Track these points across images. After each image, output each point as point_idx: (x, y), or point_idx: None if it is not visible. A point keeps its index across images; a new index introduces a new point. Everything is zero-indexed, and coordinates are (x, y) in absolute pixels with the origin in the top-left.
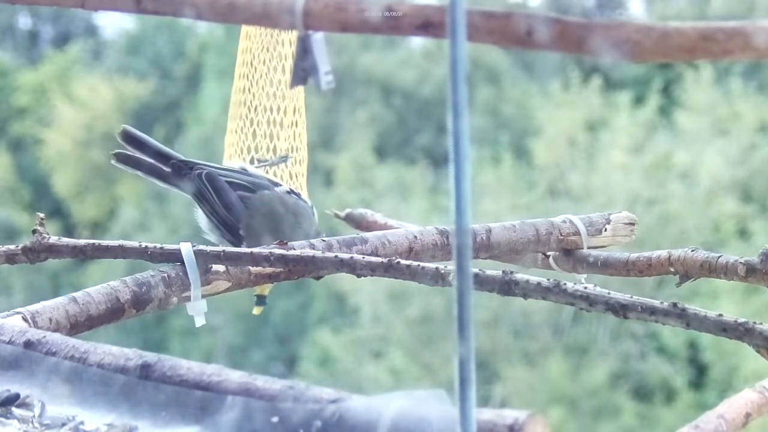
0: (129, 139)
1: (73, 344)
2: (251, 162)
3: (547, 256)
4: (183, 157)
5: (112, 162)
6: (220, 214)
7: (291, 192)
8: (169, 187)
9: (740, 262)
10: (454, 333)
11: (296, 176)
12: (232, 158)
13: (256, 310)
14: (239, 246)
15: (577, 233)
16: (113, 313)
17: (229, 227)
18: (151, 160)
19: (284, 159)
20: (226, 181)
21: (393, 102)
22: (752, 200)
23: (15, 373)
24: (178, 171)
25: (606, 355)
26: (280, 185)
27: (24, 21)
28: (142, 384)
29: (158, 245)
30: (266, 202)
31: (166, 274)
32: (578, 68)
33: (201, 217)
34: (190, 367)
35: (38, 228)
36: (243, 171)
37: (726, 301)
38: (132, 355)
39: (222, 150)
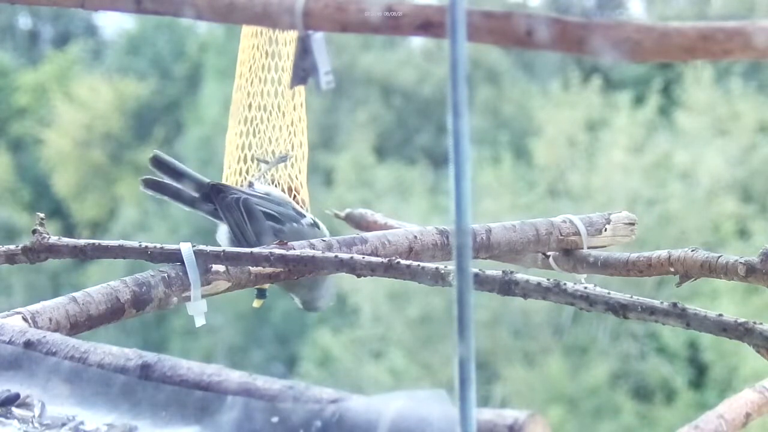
0: (159, 164)
1: (73, 344)
2: (252, 161)
3: (547, 256)
4: (219, 182)
5: (141, 189)
6: (250, 242)
7: (314, 223)
8: (197, 212)
9: (740, 262)
10: (454, 333)
11: (297, 174)
12: (232, 155)
13: (256, 303)
14: None
15: (577, 233)
16: (113, 313)
17: None
18: (180, 186)
19: (283, 159)
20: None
21: (393, 102)
22: (752, 200)
23: (15, 373)
24: (214, 194)
25: (606, 355)
26: (305, 216)
27: (24, 21)
28: (142, 384)
29: (158, 245)
30: (293, 238)
31: (166, 274)
32: (578, 68)
33: (222, 236)
34: (190, 367)
35: (38, 228)
36: (268, 196)
37: (726, 301)
38: (132, 355)
39: (222, 150)
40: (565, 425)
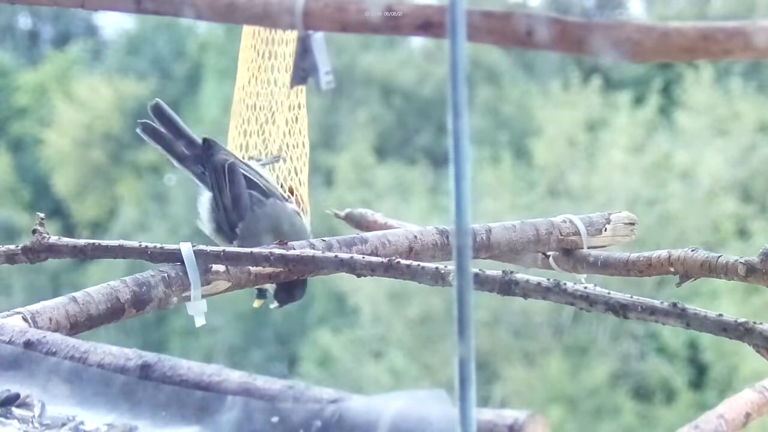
0: (159, 113)
1: (73, 344)
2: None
3: (547, 256)
4: (212, 139)
5: (137, 130)
6: (226, 206)
7: (298, 213)
8: (184, 169)
9: (740, 262)
10: (454, 333)
11: (298, 172)
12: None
13: (257, 303)
14: (230, 241)
15: (577, 233)
16: (113, 313)
17: (228, 221)
18: (174, 139)
19: (277, 159)
20: (244, 176)
21: (393, 102)
22: (752, 200)
23: (15, 373)
24: (205, 151)
25: (606, 355)
26: (290, 202)
27: (24, 21)
28: (142, 384)
29: (158, 245)
30: (273, 211)
31: (166, 274)
32: (578, 68)
33: (203, 205)
34: (190, 367)
35: (38, 228)
36: (257, 173)
37: (726, 301)
38: (132, 355)
39: None
40: (565, 425)
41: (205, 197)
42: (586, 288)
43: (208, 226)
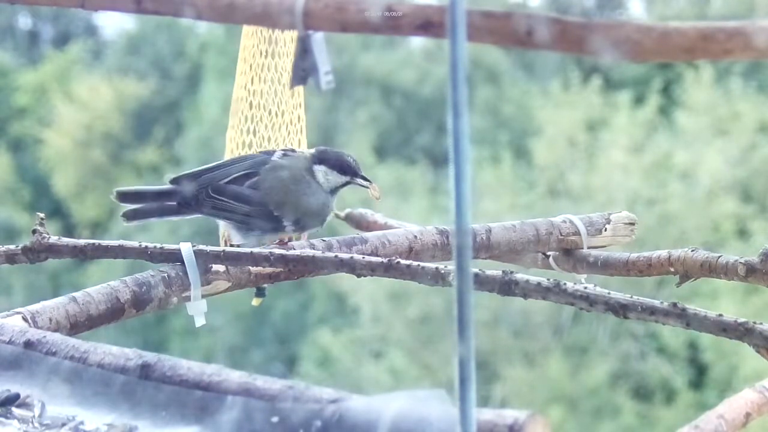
0: (125, 197)
1: (73, 344)
2: None
3: (547, 256)
4: (173, 176)
5: (125, 223)
6: (249, 213)
7: (285, 153)
8: (184, 217)
9: (740, 262)
10: (454, 333)
11: None
12: (232, 154)
13: (255, 302)
14: (281, 224)
15: (577, 233)
16: (113, 313)
17: (263, 217)
18: (155, 204)
19: None
20: (230, 181)
21: (393, 102)
22: (752, 200)
23: (15, 373)
24: (185, 197)
25: (606, 355)
26: (275, 152)
27: (24, 21)
28: (142, 384)
29: (158, 245)
30: (272, 175)
31: (166, 274)
32: (578, 68)
33: (230, 229)
34: (190, 367)
35: (38, 228)
36: (232, 161)
37: (726, 301)
38: (132, 355)
39: (222, 149)
40: (565, 425)
41: (227, 222)
42: (586, 288)
43: (253, 237)
